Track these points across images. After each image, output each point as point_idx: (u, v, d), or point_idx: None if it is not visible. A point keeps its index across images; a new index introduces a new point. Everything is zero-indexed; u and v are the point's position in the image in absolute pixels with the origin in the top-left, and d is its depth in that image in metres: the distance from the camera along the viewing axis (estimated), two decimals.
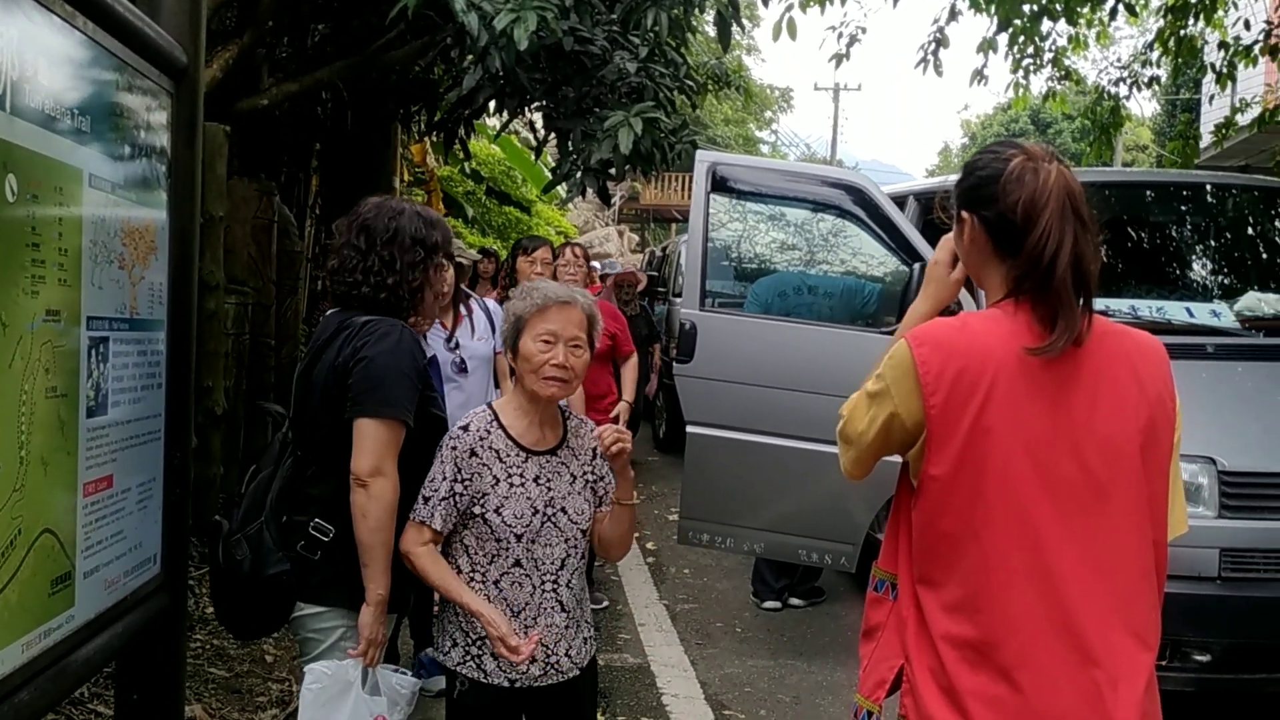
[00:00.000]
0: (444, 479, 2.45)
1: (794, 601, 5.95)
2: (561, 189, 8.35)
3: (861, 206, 4.78)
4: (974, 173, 1.78)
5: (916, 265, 4.42)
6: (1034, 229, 1.66)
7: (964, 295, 2.19)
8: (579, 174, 5.88)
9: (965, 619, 1.67)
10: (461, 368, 4.22)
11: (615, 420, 5.08)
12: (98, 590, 2.29)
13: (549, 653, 2.47)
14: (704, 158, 4.90)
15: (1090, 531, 1.65)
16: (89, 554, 2.23)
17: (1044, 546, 1.64)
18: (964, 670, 1.66)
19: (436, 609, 4.72)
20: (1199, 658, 3.87)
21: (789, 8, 7.55)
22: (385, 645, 2.50)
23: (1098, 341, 1.71)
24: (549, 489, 2.47)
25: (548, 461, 2.50)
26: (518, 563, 2.44)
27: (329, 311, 2.69)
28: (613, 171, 5.82)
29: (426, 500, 2.46)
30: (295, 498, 2.56)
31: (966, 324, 1.73)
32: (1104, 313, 5.39)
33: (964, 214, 1.78)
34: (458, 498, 2.44)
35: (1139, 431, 1.69)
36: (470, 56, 5.58)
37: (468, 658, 2.46)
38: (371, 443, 2.41)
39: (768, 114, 36.67)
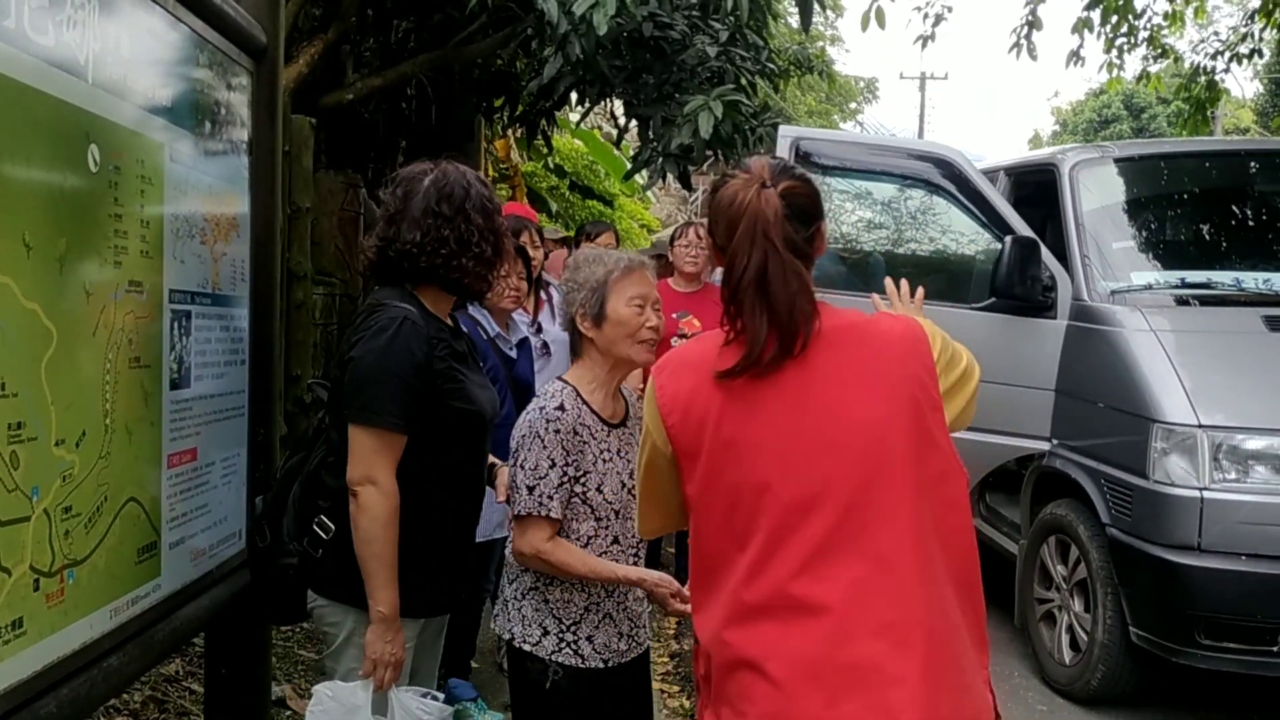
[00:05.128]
0: (553, 465, 2.28)
1: None
2: (642, 176, 8.30)
3: (951, 180, 4.64)
4: (713, 191, 1.78)
5: (1008, 239, 4.27)
6: (730, 250, 1.66)
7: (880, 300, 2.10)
8: (659, 160, 5.83)
9: (737, 634, 1.61)
10: (545, 351, 4.21)
11: None
12: (183, 561, 2.32)
13: (633, 626, 2.43)
14: (787, 133, 4.84)
15: (860, 525, 1.58)
16: (174, 525, 2.26)
17: (811, 549, 1.58)
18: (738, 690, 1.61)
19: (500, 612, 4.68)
20: None
21: None
22: (401, 664, 2.23)
23: (834, 337, 1.67)
24: (628, 461, 2.42)
25: (623, 434, 2.45)
26: (616, 540, 2.36)
27: (376, 289, 2.46)
28: (694, 156, 5.76)
29: (532, 490, 2.27)
30: (315, 487, 2.33)
31: (703, 341, 1.76)
32: (1207, 284, 5.06)
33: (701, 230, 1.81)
34: (571, 482, 2.31)
35: (899, 415, 1.63)
36: (550, 45, 5.58)
37: (563, 644, 2.32)
38: (360, 449, 2.17)
39: (852, 105, 36.13)
